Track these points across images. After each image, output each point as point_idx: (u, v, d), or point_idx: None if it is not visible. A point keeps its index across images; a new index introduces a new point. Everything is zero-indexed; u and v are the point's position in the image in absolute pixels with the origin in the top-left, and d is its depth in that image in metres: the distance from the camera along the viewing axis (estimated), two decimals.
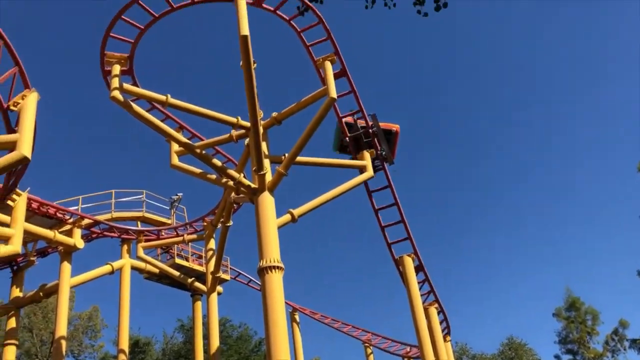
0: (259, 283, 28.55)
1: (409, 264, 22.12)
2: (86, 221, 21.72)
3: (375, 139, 19.92)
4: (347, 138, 19.74)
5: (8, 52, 12.01)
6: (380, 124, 20.31)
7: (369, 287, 77.72)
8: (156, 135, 18.35)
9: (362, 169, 19.67)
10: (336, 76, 17.38)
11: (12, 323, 21.42)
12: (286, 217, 16.18)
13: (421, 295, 22.64)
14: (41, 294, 21.66)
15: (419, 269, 22.75)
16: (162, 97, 16.30)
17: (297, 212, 16.45)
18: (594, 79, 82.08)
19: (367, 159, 19.66)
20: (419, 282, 22.39)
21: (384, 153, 20.22)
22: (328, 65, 16.86)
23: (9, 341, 21.01)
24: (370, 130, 19.86)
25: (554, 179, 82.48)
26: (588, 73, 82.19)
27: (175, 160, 18.42)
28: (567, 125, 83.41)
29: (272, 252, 14.42)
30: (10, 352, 20.89)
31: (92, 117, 74.61)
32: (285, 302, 14.70)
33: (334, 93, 16.13)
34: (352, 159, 20.00)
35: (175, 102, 16.48)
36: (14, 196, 14.53)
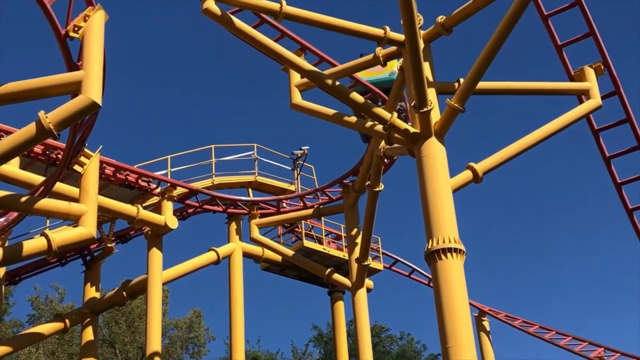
0: (427, 274, 29.07)
1: None
2: (179, 190, 23.14)
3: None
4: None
5: None
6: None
7: (597, 280, 75.30)
8: (268, 63, 18.82)
9: (581, 95, 18.89)
10: None
11: (88, 334, 23.61)
12: (465, 175, 16.02)
13: None
14: (124, 293, 23.56)
15: None
16: (275, 6, 16.63)
17: (481, 167, 16.23)
18: None
19: (591, 79, 18.80)
20: None
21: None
22: None
23: (86, 359, 23.16)
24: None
25: None
26: None
27: (296, 97, 18.84)
28: None
29: (447, 227, 14.40)
30: None
31: (174, 42, 78.51)
32: (469, 303, 14.68)
33: None
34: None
35: (293, 12, 16.75)
36: (82, 159, 15.65)
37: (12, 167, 18.04)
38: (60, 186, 17.17)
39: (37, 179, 18.12)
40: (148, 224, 21.98)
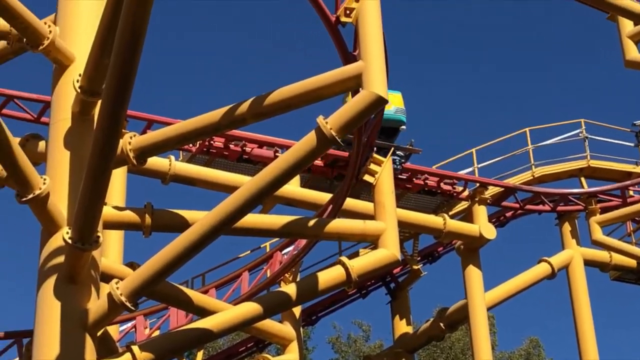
0: None
1: None
2: (492, 190, 23.31)
3: None
4: None
5: None
6: None
7: None
8: (586, 13, 18.36)
9: None
10: None
11: None
12: None
13: None
14: (441, 325, 24.01)
15: None
16: None
17: None
18: None
19: None
20: None
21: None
22: None
23: None
24: None
25: None
26: None
27: (631, 51, 18.25)
28: None
29: None
30: None
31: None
32: None
33: None
34: None
35: None
36: (372, 166, 16.17)
37: (293, 187, 19.21)
38: (349, 202, 17.88)
39: (322, 197, 19.09)
40: (459, 236, 22.28)
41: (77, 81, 11.02)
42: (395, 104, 22.71)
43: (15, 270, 69.61)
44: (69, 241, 10.01)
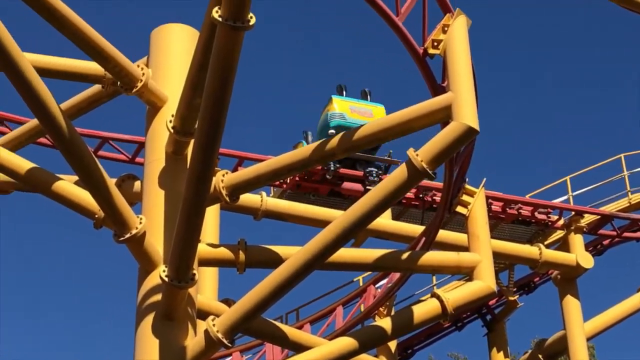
0: None
1: None
2: (588, 219, 23.05)
3: None
4: None
5: None
6: None
7: None
8: None
9: None
10: None
11: None
12: None
13: None
14: (540, 356, 23.71)
15: None
16: None
17: None
18: None
19: None
20: None
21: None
22: None
23: None
24: None
25: None
26: None
27: None
28: None
29: None
30: None
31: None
32: None
33: None
34: None
35: None
36: (464, 197, 16.09)
37: (385, 220, 19.17)
38: (441, 234, 17.78)
39: (414, 229, 19.01)
40: (555, 266, 21.95)
41: (170, 121, 11.27)
42: (378, 116, 22.15)
43: (114, 309, 70.75)
44: (166, 279, 10.18)
